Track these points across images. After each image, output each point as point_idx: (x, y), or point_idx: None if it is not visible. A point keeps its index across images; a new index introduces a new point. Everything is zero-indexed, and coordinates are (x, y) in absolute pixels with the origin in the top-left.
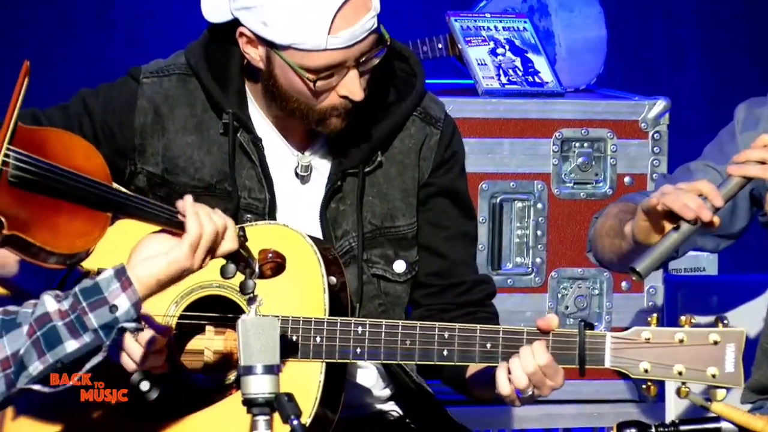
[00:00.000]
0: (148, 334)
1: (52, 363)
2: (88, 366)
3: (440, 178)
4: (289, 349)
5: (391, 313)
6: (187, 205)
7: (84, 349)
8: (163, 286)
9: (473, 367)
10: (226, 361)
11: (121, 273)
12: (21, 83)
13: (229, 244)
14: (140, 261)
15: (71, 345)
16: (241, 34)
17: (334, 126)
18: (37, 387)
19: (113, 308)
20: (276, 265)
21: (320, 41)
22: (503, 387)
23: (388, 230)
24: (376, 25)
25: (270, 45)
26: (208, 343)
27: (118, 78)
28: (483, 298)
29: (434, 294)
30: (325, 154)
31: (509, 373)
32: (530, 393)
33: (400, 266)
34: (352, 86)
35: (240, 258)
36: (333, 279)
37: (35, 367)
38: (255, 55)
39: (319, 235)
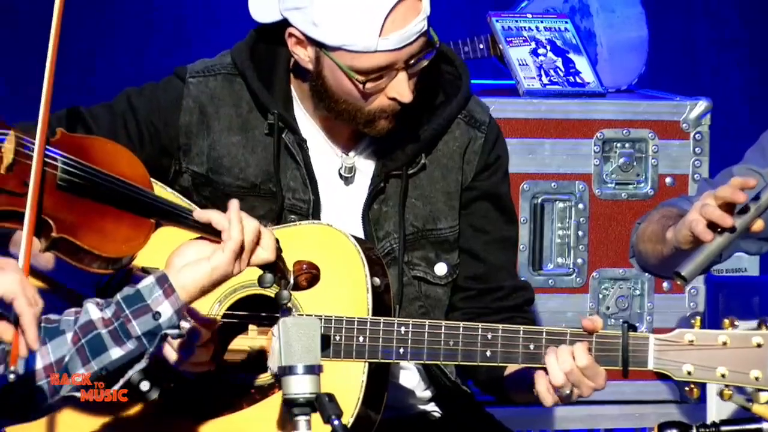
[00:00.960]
0: (194, 330)
1: (97, 370)
2: (130, 373)
3: (483, 182)
4: (331, 348)
5: (431, 315)
6: (232, 211)
7: (128, 356)
8: (205, 291)
9: (511, 369)
10: (269, 360)
11: (163, 280)
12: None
13: (266, 253)
14: (182, 267)
15: (116, 352)
16: (291, 35)
17: (381, 128)
18: (79, 394)
19: (156, 315)
20: (311, 276)
21: (371, 43)
22: (541, 387)
23: (430, 233)
24: (426, 28)
25: (319, 46)
26: (250, 342)
27: (163, 78)
28: (521, 304)
29: (472, 298)
30: (369, 156)
31: (546, 372)
32: (568, 392)
33: (441, 269)
34: (401, 88)
35: (276, 269)
36: (377, 280)
37: (79, 374)
38: (304, 55)
39: (361, 236)
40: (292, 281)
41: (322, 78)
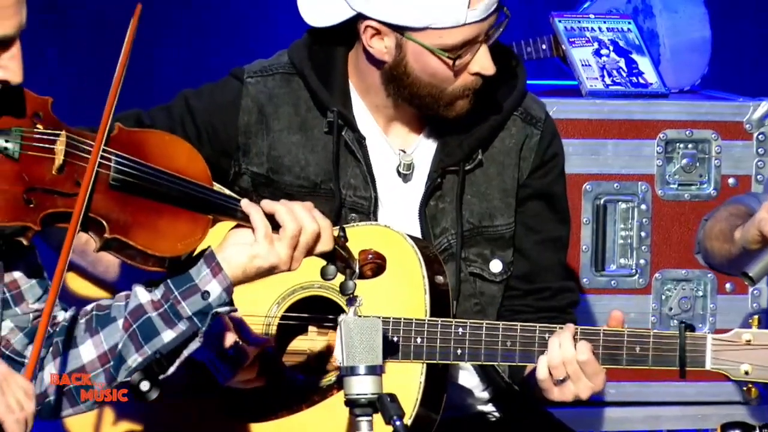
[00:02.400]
0: (241, 351)
1: (151, 354)
2: (185, 353)
3: (538, 180)
4: (390, 349)
5: (485, 313)
6: (264, 202)
7: (180, 337)
8: (251, 277)
9: (531, 367)
10: (328, 361)
11: (210, 258)
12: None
13: (324, 245)
14: (226, 247)
15: (168, 335)
16: (367, 28)
17: (460, 108)
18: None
19: (205, 294)
20: (376, 265)
21: (460, 16)
22: (541, 371)
23: (486, 229)
24: None
25: (402, 31)
26: (310, 344)
27: (219, 79)
28: (565, 305)
29: (516, 296)
30: (425, 152)
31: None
32: (562, 378)
33: (496, 266)
34: (484, 61)
35: (340, 259)
36: (440, 278)
37: (134, 359)
38: (381, 47)
39: (417, 232)
40: (357, 271)
41: (404, 65)
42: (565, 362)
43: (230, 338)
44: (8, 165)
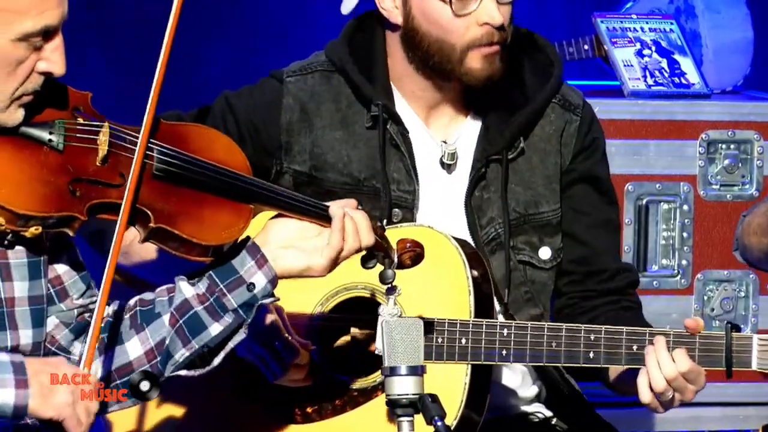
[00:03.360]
0: (290, 347)
1: (198, 348)
2: (230, 345)
3: (581, 164)
4: (434, 350)
5: (536, 301)
6: (336, 215)
7: (227, 330)
8: (292, 278)
9: (614, 371)
10: (372, 362)
11: (255, 250)
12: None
13: (365, 240)
14: (279, 246)
15: (215, 328)
16: None
17: (479, 72)
18: (183, 372)
19: (251, 286)
20: (415, 254)
21: None
22: (645, 396)
23: (532, 217)
24: None
25: None
26: (354, 345)
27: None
28: (625, 286)
29: (576, 282)
30: (467, 143)
31: (649, 379)
32: (670, 396)
33: (545, 253)
34: (491, 9)
35: (379, 248)
36: (474, 272)
37: (181, 354)
38: (393, 7)
39: (463, 223)
40: (396, 260)
41: (412, 21)
42: (669, 381)
43: (281, 335)
44: (53, 156)
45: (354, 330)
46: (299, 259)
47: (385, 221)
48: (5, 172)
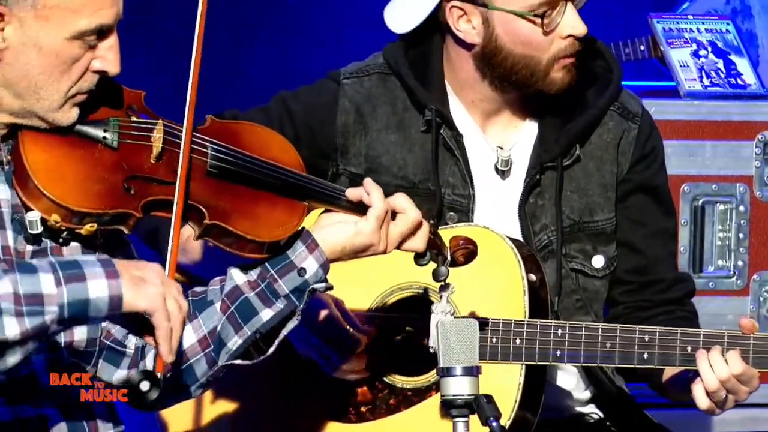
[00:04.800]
0: (351, 337)
1: (251, 335)
2: (284, 332)
3: (639, 174)
4: (488, 351)
5: (588, 309)
6: (368, 184)
7: (279, 316)
8: (347, 255)
9: (669, 370)
10: (427, 362)
11: (306, 236)
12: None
13: (418, 242)
14: (325, 225)
15: (266, 314)
16: (452, 9)
17: (561, 81)
18: (238, 361)
19: (302, 271)
20: (468, 251)
21: None
22: (701, 401)
23: (587, 225)
24: None
25: (485, 2)
26: (408, 344)
27: (315, 81)
28: (682, 296)
29: (632, 291)
30: (522, 149)
31: (702, 381)
32: (723, 397)
33: (598, 261)
34: (573, 20)
35: (432, 245)
36: (532, 276)
37: (234, 341)
38: (469, 28)
39: (517, 229)
40: (449, 257)
41: (495, 39)
42: (723, 383)
43: (337, 324)
44: (107, 154)
45: (408, 329)
46: (346, 229)
47: (435, 218)
48: (60, 170)
